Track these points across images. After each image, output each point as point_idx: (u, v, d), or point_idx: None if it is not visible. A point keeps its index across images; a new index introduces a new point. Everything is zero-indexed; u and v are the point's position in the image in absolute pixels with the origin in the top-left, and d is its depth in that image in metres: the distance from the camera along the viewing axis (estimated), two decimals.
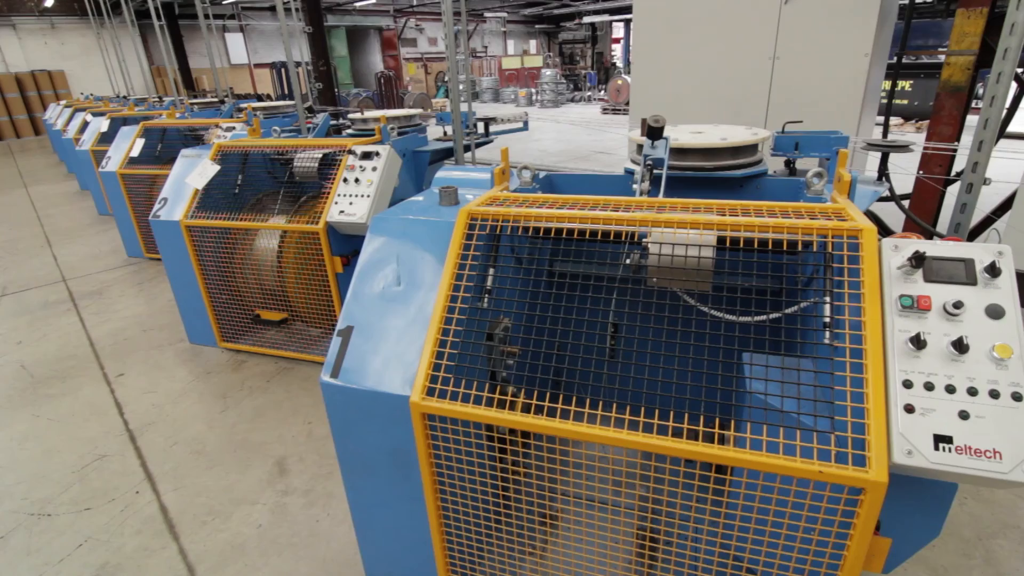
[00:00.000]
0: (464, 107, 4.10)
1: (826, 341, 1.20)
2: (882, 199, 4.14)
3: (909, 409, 1.03)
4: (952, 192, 4.13)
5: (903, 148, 2.08)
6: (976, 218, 4.23)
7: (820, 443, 1.06)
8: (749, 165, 1.99)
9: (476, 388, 1.33)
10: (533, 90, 20.88)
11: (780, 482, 1.09)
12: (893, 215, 4.40)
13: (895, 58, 4.25)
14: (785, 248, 1.49)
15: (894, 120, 10.28)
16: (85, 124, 7.50)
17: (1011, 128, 5.02)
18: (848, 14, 3.88)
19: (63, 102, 11.61)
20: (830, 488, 1.06)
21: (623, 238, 1.56)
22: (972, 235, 4.09)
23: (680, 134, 2.11)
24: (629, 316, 1.90)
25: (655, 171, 1.83)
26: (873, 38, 3.82)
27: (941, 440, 1.00)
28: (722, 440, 1.37)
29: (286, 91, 16.28)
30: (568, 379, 1.81)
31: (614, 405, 1.24)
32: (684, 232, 1.32)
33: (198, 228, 3.15)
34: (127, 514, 2.28)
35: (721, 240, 1.31)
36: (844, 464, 1.02)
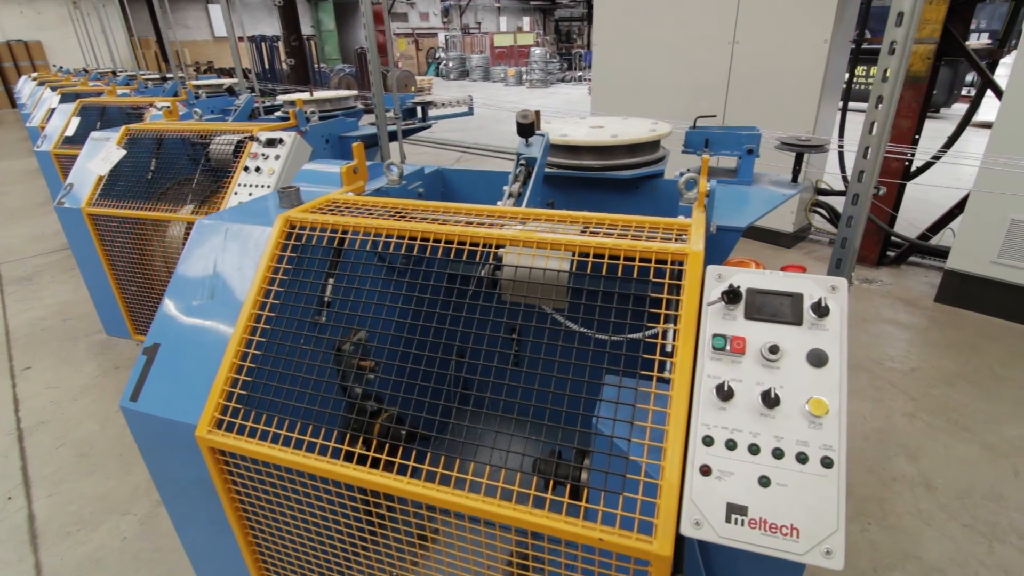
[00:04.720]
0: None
1: (652, 386, 1.05)
2: (835, 193, 3.96)
3: (705, 471, 0.89)
4: (913, 189, 3.96)
5: (817, 148, 1.91)
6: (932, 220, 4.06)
7: (609, 504, 0.92)
8: (643, 165, 1.82)
9: (301, 422, 1.17)
10: (523, 69, 20.37)
11: (565, 545, 0.96)
12: None
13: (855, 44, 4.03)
14: (638, 273, 1.33)
15: None
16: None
17: (985, 118, 4.83)
18: None
19: (34, 74, 11.27)
20: (617, 556, 0.92)
21: (478, 256, 1.40)
22: (928, 236, 3.93)
23: (574, 129, 1.93)
24: (489, 332, 1.75)
25: (532, 171, 1.67)
26: (833, 23, 3.60)
27: (735, 510, 0.86)
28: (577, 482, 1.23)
29: (265, 66, 15.91)
30: (436, 389, 1.67)
31: (442, 458, 1.10)
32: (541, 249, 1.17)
33: (102, 216, 2.98)
34: None
35: (580, 257, 1.16)
36: (629, 531, 0.89)
